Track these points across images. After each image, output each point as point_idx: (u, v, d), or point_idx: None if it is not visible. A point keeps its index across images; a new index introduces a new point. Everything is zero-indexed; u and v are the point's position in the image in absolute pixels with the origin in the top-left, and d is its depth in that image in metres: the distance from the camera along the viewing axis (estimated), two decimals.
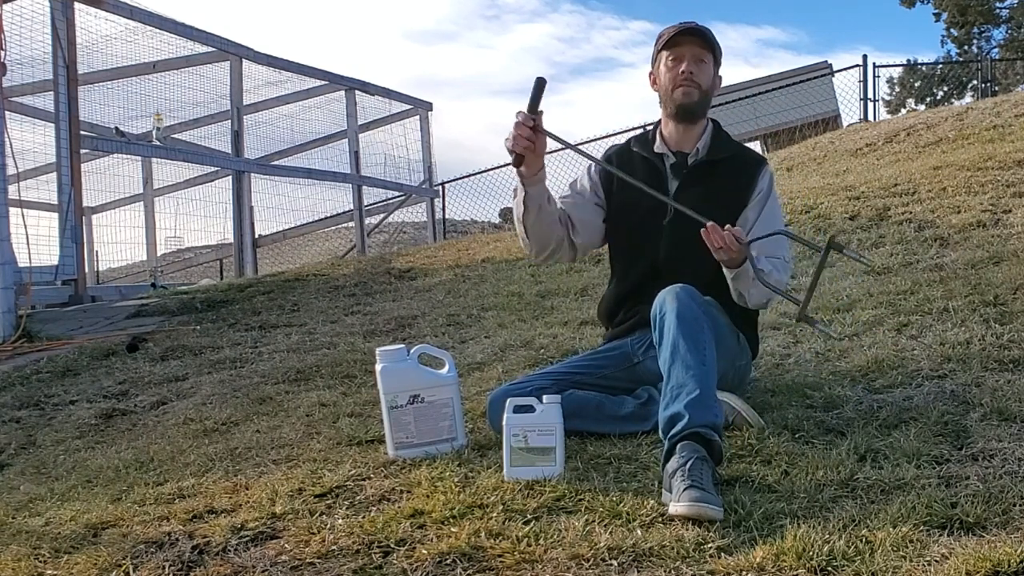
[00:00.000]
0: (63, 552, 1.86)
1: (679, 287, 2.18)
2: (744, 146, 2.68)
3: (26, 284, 5.87)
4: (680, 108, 2.46)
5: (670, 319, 2.10)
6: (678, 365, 2.03)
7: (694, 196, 2.41)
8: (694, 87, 2.44)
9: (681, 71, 2.44)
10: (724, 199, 2.45)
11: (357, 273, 6.39)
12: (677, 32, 2.45)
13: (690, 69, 2.43)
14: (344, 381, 3.40)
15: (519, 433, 2.02)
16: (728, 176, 2.48)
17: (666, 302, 2.15)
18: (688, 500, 1.70)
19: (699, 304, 2.15)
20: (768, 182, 2.50)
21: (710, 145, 2.51)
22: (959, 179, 5.45)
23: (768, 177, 2.51)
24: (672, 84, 2.45)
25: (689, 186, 2.47)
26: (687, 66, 2.44)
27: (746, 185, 2.48)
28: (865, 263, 2.73)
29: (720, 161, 2.49)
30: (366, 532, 1.78)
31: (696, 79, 2.44)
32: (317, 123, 10.60)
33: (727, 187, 2.47)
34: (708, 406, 1.97)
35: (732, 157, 2.51)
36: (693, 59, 2.44)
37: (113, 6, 7.06)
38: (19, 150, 6.17)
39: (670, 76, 2.46)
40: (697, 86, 2.44)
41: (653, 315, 2.19)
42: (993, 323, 2.97)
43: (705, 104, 2.49)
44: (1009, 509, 1.67)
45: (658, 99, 2.55)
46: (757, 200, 2.47)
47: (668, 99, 2.48)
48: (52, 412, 3.59)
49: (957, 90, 25.28)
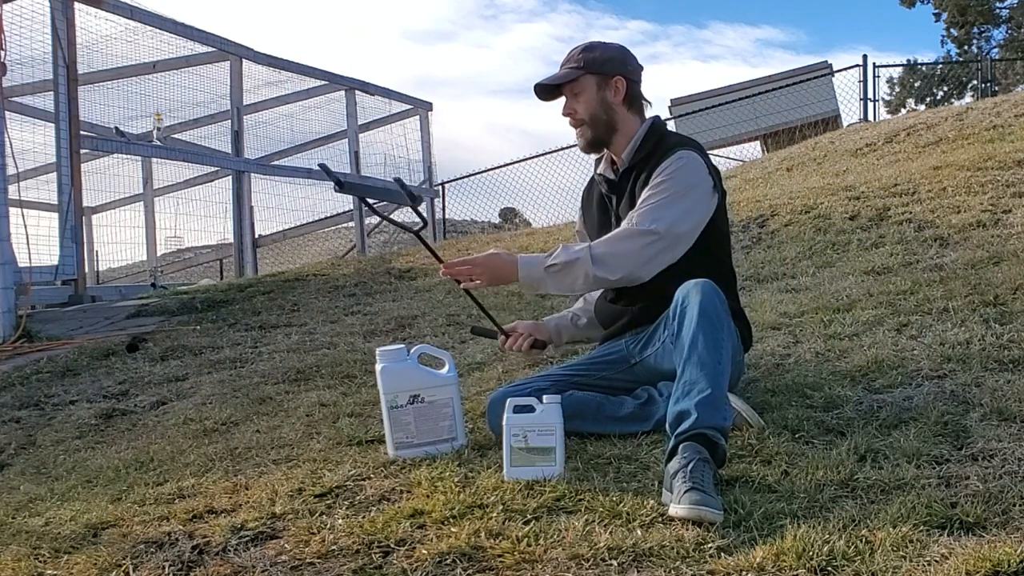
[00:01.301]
0: (63, 552, 1.86)
1: (704, 281, 2.14)
2: (672, 139, 2.50)
3: (26, 284, 5.87)
4: (585, 147, 2.52)
5: (692, 312, 2.08)
6: (693, 361, 2.02)
7: (625, 205, 2.46)
8: (579, 124, 2.47)
9: (564, 115, 2.48)
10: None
11: (357, 273, 6.40)
12: (537, 94, 2.49)
13: (568, 110, 2.46)
14: (344, 381, 3.40)
15: (519, 433, 2.02)
16: (646, 174, 2.42)
17: (690, 294, 2.12)
18: (688, 502, 1.69)
19: (722, 302, 2.13)
20: (674, 167, 2.35)
21: (634, 150, 2.47)
22: (959, 179, 5.45)
23: (677, 162, 2.36)
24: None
25: (625, 197, 2.48)
26: (564, 108, 2.47)
27: (656, 174, 2.38)
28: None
29: (638, 163, 2.46)
30: (366, 532, 1.78)
31: (576, 116, 2.46)
32: (317, 123, 10.61)
33: (646, 185, 2.40)
34: (718, 407, 1.96)
35: (650, 154, 2.43)
36: (569, 93, 2.46)
37: (113, 6, 7.06)
38: (19, 150, 6.18)
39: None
40: (581, 122, 2.46)
41: (674, 305, 2.15)
42: (993, 323, 2.97)
43: (601, 129, 2.47)
44: (1009, 509, 1.67)
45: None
46: (652, 180, 2.37)
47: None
48: (52, 412, 3.59)
49: (957, 90, 25.29)
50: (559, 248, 2.36)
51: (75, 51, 6.56)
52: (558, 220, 10.81)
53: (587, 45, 2.48)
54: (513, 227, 13.59)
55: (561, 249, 2.35)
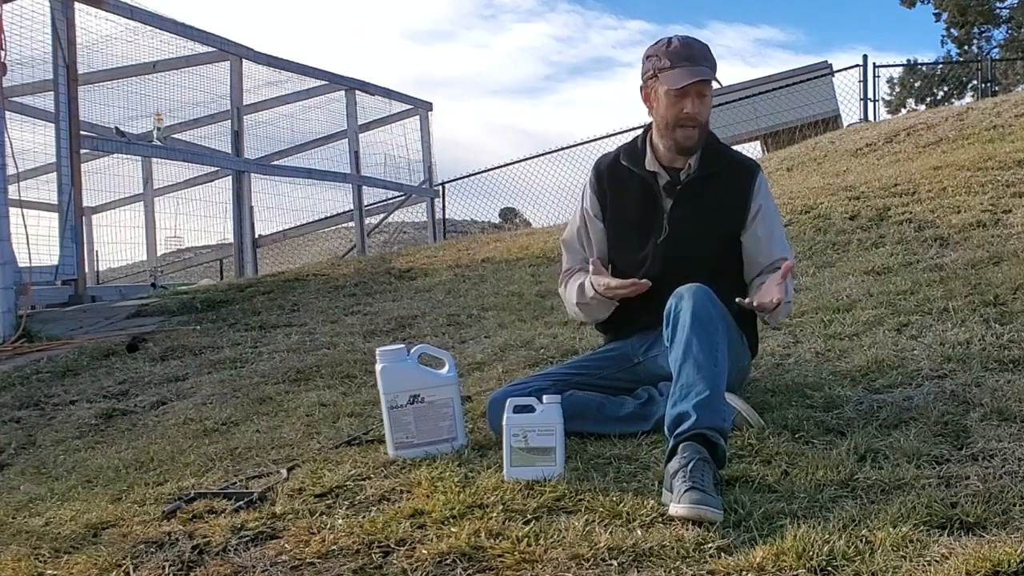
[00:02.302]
0: (63, 552, 1.86)
1: (697, 286, 2.16)
2: (736, 154, 2.61)
3: (26, 284, 5.87)
4: (682, 149, 2.41)
5: (685, 317, 2.09)
6: (689, 363, 2.02)
7: (688, 214, 2.42)
8: (695, 129, 2.38)
9: (685, 111, 2.35)
10: (719, 214, 2.44)
11: (357, 273, 6.39)
12: (687, 84, 2.32)
13: (695, 110, 2.35)
14: (344, 381, 3.40)
15: (519, 433, 2.02)
16: (722, 189, 2.45)
17: (683, 299, 2.13)
18: (688, 502, 1.70)
19: (715, 305, 2.14)
20: (764, 192, 2.48)
21: (701, 159, 2.45)
22: (959, 179, 5.45)
23: (763, 186, 2.49)
24: (674, 121, 2.37)
25: (683, 204, 2.44)
26: (692, 107, 2.35)
27: (742, 198, 2.45)
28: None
29: (713, 175, 2.45)
30: (366, 532, 1.78)
31: (698, 119, 2.37)
32: (317, 123, 10.60)
33: (722, 201, 2.44)
34: (716, 408, 1.96)
35: (725, 169, 2.46)
36: (697, 95, 2.35)
37: (113, 6, 7.05)
38: (19, 150, 6.17)
39: (672, 112, 2.37)
40: (698, 125, 2.38)
41: (667, 310, 2.17)
42: (993, 323, 2.97)
43: (704, 137, 2.43)
44: (1009, 509, 1.67)
45: (648, 113, 2.48)
46: (759, 216, 2.45)
47: (667, 133, 2.41)
48: (52, 412, 3.59)
49: (957, 90, 25.27)
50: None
51: (75, 51, 6.55)
52: (558, 220, 10.81)
53: (709, 54, 2.38)
54: (513, 227, 13.58)
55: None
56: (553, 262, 5.54)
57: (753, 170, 2.51)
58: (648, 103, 2.46)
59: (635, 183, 2.50)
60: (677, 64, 2.34)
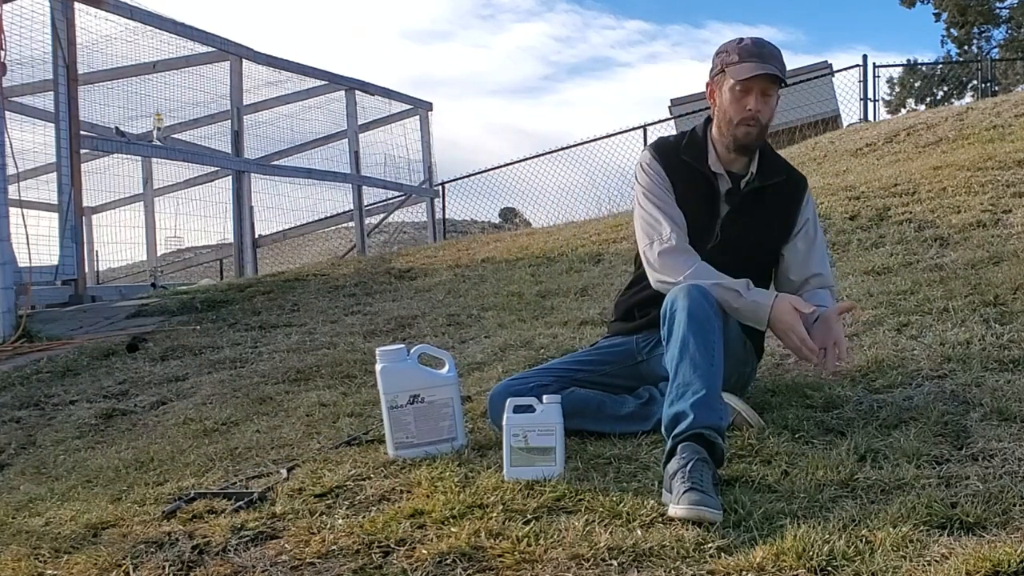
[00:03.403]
0: (63, 552, 1.86)
1: (692, 286, 2.16)
2: (788, 165, 2.59)
3: (26, 284, 5.87)
4: (739, 146, 2.39)
5: (681, 316, 2.09)
6: (686, 363, 2.02)
7: (743, 224, 2.42)
8: (756, 127, 2.36)
9: (748, 108, 2.33)
10: (771, 226, 2.46)
11: (357, 273, 6.39)
12: (754, 75, 2.30)
13: (757, 108, 2.33)
14: (344, 381, 3.40)
15: (519, 433, 2.02)
16: (776, 202, 2.46)
17: (678, 299, 2.13)
18: (688, 502, 1.70)
19: (711, 304, 2.14)
20: (810, 206, 2.51)
21: (760, 167, 2.44)
22: (959, 179, 5.45)
23: (810, 201, 2.52)
24: (737, 117, 2.35)
25: (740, 213, 2.43)
26: (755, 104, 2.33)
27: (793, 212, 2.47)
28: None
29: (770, 186, 2.45)
30: (366, 532, 1.78)
31: (760, 118, 2.35)
32: (317, 123, 10.61)
33: (775, 214, 2.46)
34: (713, 407, 1.96)
35: (782, 182, 2.47)
36: (761, 93, 2.33)
37: (113, 6, 7.06)
38: (19, 150, 6.17)
39: (735, 108, 2.34)
40: (759, 124, 2.36)
41: (663, 311, 2.17)
42: (993, 323, 2.97)
43: (763, 137, 2.42)
44: (1009, 509, 1.67)
45: (711, 111, 2.46)
46: (804, 230, 2.47)
47: (728, 129, 2.37)
48: (52, 412, 3.59)
49: (957, 90, 25.26)
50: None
51: (75, 51, 6.55)
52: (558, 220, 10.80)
53: (780, 57, 2.36)
54: (513, 227, 13.58)
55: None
56: (553, 262, 5.54)
57: (804, 184, 2.54)
58: (712, 99, 2.45)
59: (698, 179, 2.46)
60: (746, 59, 2.32)
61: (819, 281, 2.46)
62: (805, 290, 2.44)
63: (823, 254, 2.53)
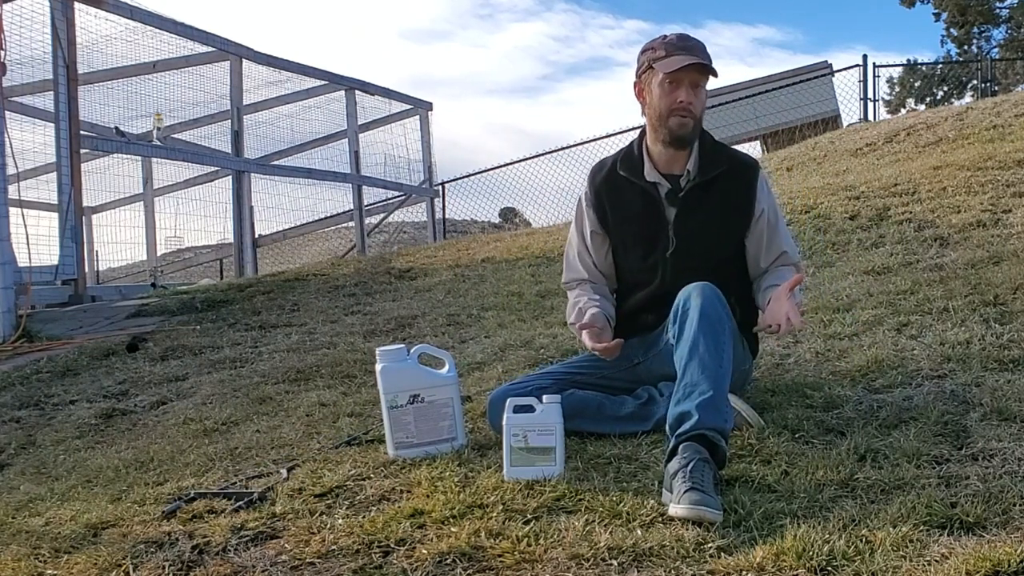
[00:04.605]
0: (63, 552, 1.86)
1: (706, 284, 2.15)
2: (735, 153, 2.57)
3: (26, 284, 5.87)
4: (675, 138, 2.36)
5: (694, 315, 2.08)
6: (695, 363, 2.02)
7: (694, 223, 2.39)
8: (690, 118, 2.33)
9: (680, 100, 2.31)
10: (724, 219, 2.41)
11: (357, 273, 6.39)
12: (682, 67, 2.29)
13: (689, 99, 2.31)
14: (344, 381, 3.40)
15: (519, 433, 2.02)
16: (727, 193, 2.41)
17: (691, 297, 2.12)
18: (688, 502, 1.70)
19: (723, 305, 2.13)
20: (766, 190, 2.46)
21: (700, 163, 2.41)
22: (959, 179, 5.45)
23: (764, 186, 2.46)
24: (668, 111, 2.32)
25: (688, 212, 2.40)
26: (686, 95, 2.31)
27: (746, 200, 2.42)
28: None
29: (714, 179, 2.40)
30: (366, 532, 1.78)
31: (693, 109, 2.33)
32: (317, 123, 10.60)
33: (726, 206, 2.41)
34: (719, 409, 1.96)
35: (726, 172, 2.42)
36: (691, 85, 2.31)
37: (113, 6, 7.05)
38: (19, 150, 6.17)
39: (666, 102, 2.32)
40: (692, 116, 2.34)
41: (676, 307, 2.16)
42: (993, 323, 2.97)
43: (698, 130, 2.39)
44: (1009, 509, 1.67)
45: (641, 111, 2.44)
46: (764, 216, 2.43)
47: (661, 124, 2.35)
48: (52, 412, 3.59)
49: (957, 90, 25.26)
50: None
51: (75, 51, 6.55)
52: (558, 220, 10.81)
53: (705, 48, 2.35)
54: (513, 227, 13.59)
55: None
56: (553, 262, 5.54)
57: (754, 169, 2.47)
58: (641, 99, 2.42)
59: (635, 194, 2.44)
60: (673, 52, 2.31)
61: (783, 259, 2.46)
62: (771, 271, 2.44)
63: (785, 233, 2.49)
